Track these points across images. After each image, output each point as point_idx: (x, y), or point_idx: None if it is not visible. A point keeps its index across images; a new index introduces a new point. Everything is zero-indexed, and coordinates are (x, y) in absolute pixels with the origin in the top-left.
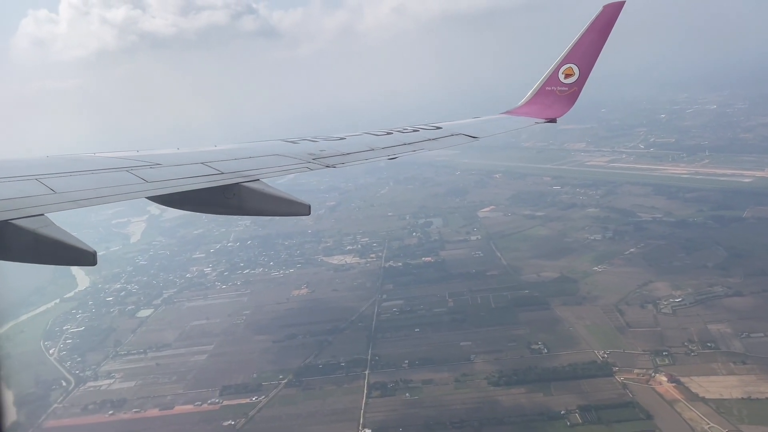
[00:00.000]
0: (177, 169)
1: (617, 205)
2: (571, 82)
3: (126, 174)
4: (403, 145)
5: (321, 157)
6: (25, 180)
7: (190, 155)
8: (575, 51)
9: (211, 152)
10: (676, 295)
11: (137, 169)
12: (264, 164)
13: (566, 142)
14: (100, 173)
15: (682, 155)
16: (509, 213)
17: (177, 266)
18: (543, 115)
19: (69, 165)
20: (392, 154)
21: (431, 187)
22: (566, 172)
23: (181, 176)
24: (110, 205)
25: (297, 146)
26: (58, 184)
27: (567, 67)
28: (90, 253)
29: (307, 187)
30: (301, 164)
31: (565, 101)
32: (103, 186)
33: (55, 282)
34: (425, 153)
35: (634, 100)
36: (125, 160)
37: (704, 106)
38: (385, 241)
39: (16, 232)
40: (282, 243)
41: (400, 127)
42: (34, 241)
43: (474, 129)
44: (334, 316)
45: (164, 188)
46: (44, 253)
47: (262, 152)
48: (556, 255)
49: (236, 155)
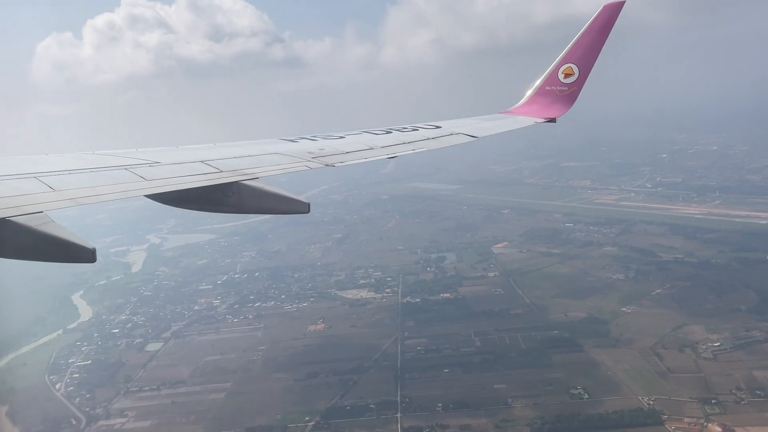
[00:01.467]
0: (176, 167)
1: (635, 244)
2: (571, 82)
3: (125, 172)
4: (402, 144)
5: (320, 156)
6: (25, 178)
7: (189, 154)
8: (575, 51)
9: (210, 151)
10: (714, 339)
11: (136, 167)
12: (263, 163)
13: (571, 180)
14: (99, 171)
15: (692, 195)
16: (524, 249)
17: (184, 298)
18: (542, 114)
19: (68, 163)
20: (392, 153)
21: (439, 222)
22: (576, 209)
23: (180, 174)
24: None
25: (296, 145)
26: (57, 182)
27: (567, 66)
28: (89, 250)
29: (310, 218)
30: (300, 163)
31: (564, 101)
32: (102, 184)
33: (56, 312)
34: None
35: (632, 140)
36: (124, 159)
37: (705, 147)
38: (400, 276)
39: (15, 230)
40: (291, 275)
41: (399, 126)
42: (34, 238)
43: (473, 128)
44: (356, 353)
45: (163, 186)
46: (44, 251)
47: (261, 151)
48: (581, 294)
49: (235, 154)
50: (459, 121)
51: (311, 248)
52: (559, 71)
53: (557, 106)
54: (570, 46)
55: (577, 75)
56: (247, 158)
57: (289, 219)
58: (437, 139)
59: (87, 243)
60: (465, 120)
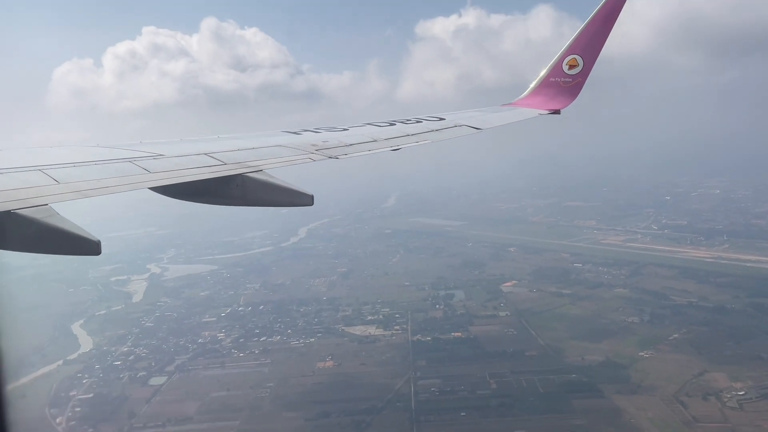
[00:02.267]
0: (180, 159)
1: (647, 287)
2: (575, 73)
3: (129, 165)
4: (406, 136)
5: (324, 148)
6: (29, 171)
7: (192, 146)
8: (579, 42)
9: (214, 143)
10: (738, 387)
11: (140, 160)
12: (267, 155)
13: (576, 219)
14: (103, 164)
15: (699, 239)
16: (534, 289)
17: (187, 330)
18: (546, 106)
19: (72, 156)
20: (395, 145)
21: (445, 258)
22: (583, 249)
23: (184, 167)
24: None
25: (300, 137)
26: (61, 174)
27: (571, 57)
28: (94, 242)
29: (314, 251)
30: (304, 155)
31: (568, 92)
32: (107, 177)
33: (56, 341)
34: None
35: (633, 182)
36: (128, 151)
37: (707, 190)
38: (408, 313)
39: (20, 223)
40: (297, 309)
41: (403, 119)
42: (39, 231)
43: (477, 120)
44: (368, 393)
45: (167, 179)
46: (49, 243)
47: (264, 143)
48: (596, 337)
49: (239, 146)
50: (462, 114)
51: (316, 282)
52: (563, 62)
53: (561, 97)
54: (574, 37)
55: (582, 66)
56: (251, 150)
57: (291, 251)
58: (441, 131)
59: (92, 236)
60: (468, 112)
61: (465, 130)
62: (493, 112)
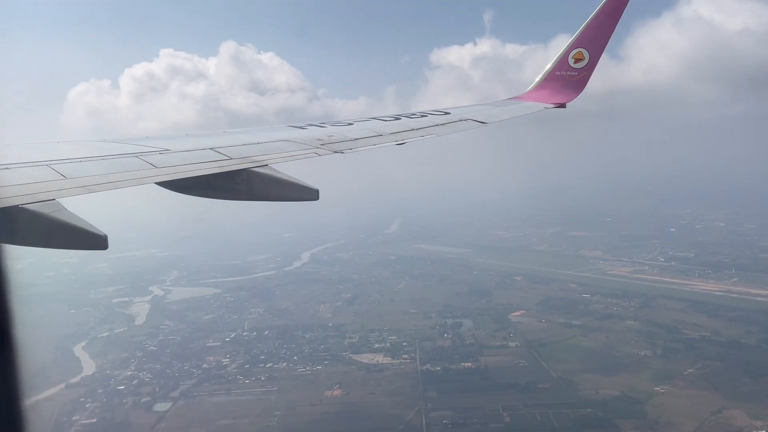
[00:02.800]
0: (186, 154)
1: (657, 320)
2: (581, 67)
3: (135, 160)
4: (411, 131)
5: (329, 143)
6: (37, 166)
7: (198, 141)
8: (585, 35)
9: (219, 138)
10: (758, 426)
11: (146, 155)
12: (272, 150)
13: (581, 249)
14: (110, 159)
15: (708, 271)
16: (543, 319)
17: (191, 354)
18: (552, 100)
19: (79, 151)
20: (400, 139)
21: (450, 286)
22: (590, 279)
23: (191, 162)
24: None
25: (305, 132)
26: (68, 169)
27: (577, 51)
28: (101, 237)
29: (318, 276)
30: (309, 150)
31: (574, 86)
32: (113, 172)
33: (58, 364)
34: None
35: (637, 212)
36: (134, 146)
37: (712, 223)
38: (416, 341)
39: (28, 217)
40: (302, 335)
41: (408, 113)
42: (47, 225)
43: (482, 114)
44: (379, 424)
45: (173, 174)
46: (56, 238)
47: (270, 138)
48: (609, 370)
49: (245, 141)
50: (468, 108)
51: (321, 307)
52: (569, 56)
53: (567, 91)
54: (580, 31)
55: (588, 60)
56: (257, 145)
57: (295, 276)
58: (446, 125)
59: (99, 230)
60: (474, 106)
61: (470, 124)
62: (499, 106)
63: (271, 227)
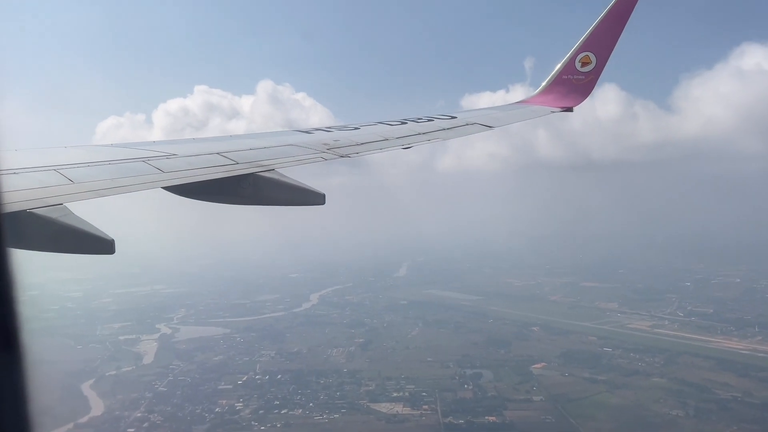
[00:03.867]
0: (192, 159)
1: (685, 378)
2: (588, 71)
3: (142, 164)
4: (417, 135)
5: (335, 147)
6: (45, 171)
7: (205, 146)
8: (592, 38)
9: (226, 142)
10: None
11: (153, 159)
12: (279, 154)
13: (597, 300)
14: (117, 164)
15: (730, 329)
16: (566, 373)
17: (203, 397)
18: (559, 104)
19: (86, 156)
20: (407, 143)
21: (466, 334)
22: (610, 333)
23: (197, 166)
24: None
25: (311, 136)
26: (76, 174)
27: (584, 55)
28: (108, 241)
29: (329, 319)
30: (315, 154)
31: (581, 90)
32: (120, 176)
33: (65, 402)
34: (447, 293)
35: (648, 265)
36: (141, 151)
37: (726, 278)
38: (436, 391)
39: (36, 222)
40: (317, 381)
41: (414, 117)
42: (54, 230)
43: (489, 118)
44: None
45: (180, 178)
46: (64, 242)
47: (276, 142)
48: (643, 430)
49: (251, 145)
50: (474, 112)
51: (334, 352)
52: (576, 59)
53: (574, 95)
54: (587, 34)
55: (594, 63)
56: (263, 150)
57: (305, 318)
58: (452, 130)
59: (106, 235)
60: (480, 110)
61: (476, 128)
62: (506, 110)
63: (278, 268)
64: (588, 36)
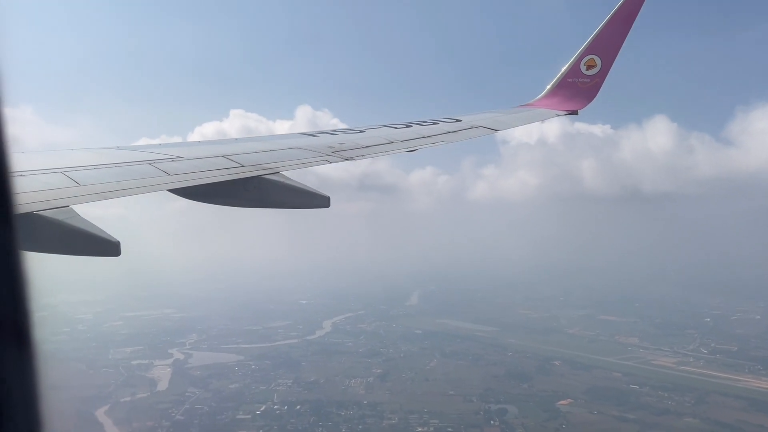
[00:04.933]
0: (198, 162)
1: (719, 418)
2: (593, 74)
3: (148, 167)
4: (422, 138)
5: (340, 150)
6: (51, 173)
7: (211, 148)
8: (597, 42)
9: (231, 145)
10: None
11: (159, 162)
12: (284, 157)
13: (616, 335)
14: (123, 167)
15: (757, 367)
16: (594, 411)
17: (222, 427)
18: (564, 107)
19: (92, 158)
20: (411, 146)
21: (486, 367)
22: (634, 369)
23: (203, 169)
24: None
25: (316, 139)
26: (82, 176)
27: (589, 58)
28: (114, 243)
29: (344, 347)
30: (320, 157)
31: (586, 93)
32: (126, 179)
33: (81, 430)
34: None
35: (665, 298)
36: (147, 154)
37: (746, 315)
38: (461, 427)
39: (43, 224)
40: (337, 413)
41: (419, 120)
42: (61, 232)
43: (494, 122)
44: None
45: (186, 181)
46: (70, 244)
47: (281, 145)
48: None
49: (256, 148)
50: (479, 115)
51: (352, 382)
52: (581, 63)
53: (579, 98)
54: (592, 37)
55: (600, 67)
56: (268, 153)
57: (319, 346)
58: (457, 133)
59: (111, 237)
60: (485, 114)
61: (481, 131)
62: (510, 113)
63: (288, 293)
64: (593, 39)
